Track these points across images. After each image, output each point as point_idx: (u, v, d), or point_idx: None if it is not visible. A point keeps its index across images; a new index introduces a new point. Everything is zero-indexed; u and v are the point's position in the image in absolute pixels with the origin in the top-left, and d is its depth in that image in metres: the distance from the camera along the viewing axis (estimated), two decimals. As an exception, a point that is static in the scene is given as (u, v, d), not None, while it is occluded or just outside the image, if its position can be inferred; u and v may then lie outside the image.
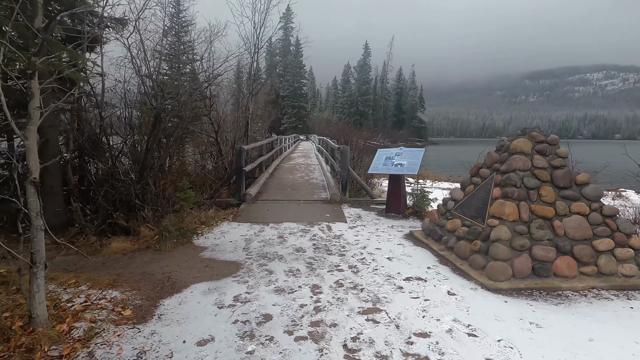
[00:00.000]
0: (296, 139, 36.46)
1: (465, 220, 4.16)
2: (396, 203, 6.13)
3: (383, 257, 4.17)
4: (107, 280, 3.49)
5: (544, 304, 2.98)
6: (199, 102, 7.70)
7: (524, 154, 3.86)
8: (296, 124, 57.94)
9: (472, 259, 3.67)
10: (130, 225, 5.43)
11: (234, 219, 5.94)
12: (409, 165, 5.95)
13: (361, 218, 6.10)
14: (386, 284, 3.41)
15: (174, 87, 7.12)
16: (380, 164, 6.28)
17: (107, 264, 4.22)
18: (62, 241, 3.17)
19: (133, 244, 4.84)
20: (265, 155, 10.66)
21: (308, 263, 4.01)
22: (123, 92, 6.34)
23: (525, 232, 3.48)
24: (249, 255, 4.31)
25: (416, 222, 5.87)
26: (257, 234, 5.13)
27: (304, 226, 5.53)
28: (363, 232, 5.27)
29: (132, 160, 6.23)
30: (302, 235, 5.08)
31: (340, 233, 5.22)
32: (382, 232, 5.33)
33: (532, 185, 3.69)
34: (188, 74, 9.22)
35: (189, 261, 4.16)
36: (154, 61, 6.36)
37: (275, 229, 5.40)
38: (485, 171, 4.23)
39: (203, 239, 4.94)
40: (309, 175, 10.94)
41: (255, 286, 3.37)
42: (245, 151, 7.17)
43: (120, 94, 6.57)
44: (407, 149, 6.31)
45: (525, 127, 4.15)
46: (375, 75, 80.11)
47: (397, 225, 5.66)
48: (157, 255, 4.40)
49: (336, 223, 5.73)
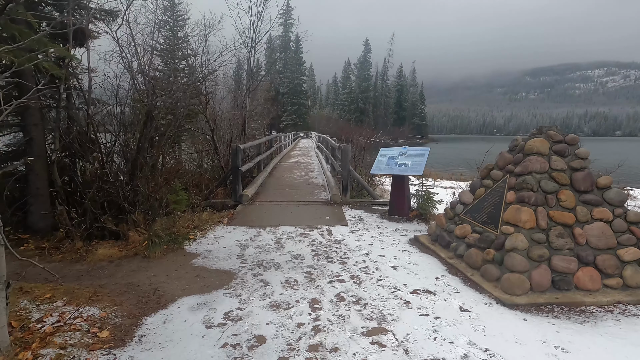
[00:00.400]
0: (296, 136, 36.12)
1: (476, 226, 3.86)
2: (400, 205, 5.83)
3: (387, 266, 3.88)
4: (87, 293, 3.20)
5: (568, 323, 2.69)
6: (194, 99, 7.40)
7: (540, 154, 3.56)
8: (296, 122, 57.55)
9: (485, 269, 3.37)
10: (120, 229, 5.15)
11: (230, 222, 5.65)
12: (413, 166, 5.65)
13: (363, 221, 5.81)
14: (392, 297, 3.12)
15: (166, 83, 6.81)
16: (383, 164, 5.98)
17: (91, 272, 3.93)
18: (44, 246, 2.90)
19: (121, 250, 4.55)
20: (264, 154, 10.35)
21: (307, 272, 3.72)
22: (112, 88, 6.05)
23: (543, 240, 3.19)
24: (244, 263, 4.02)
25: (421, 225, 5.57)
26: (253, 239, 4.84)
27: (302, 230, 5.24)
28: (365, 237, 4.98)
29: (122, 160, 5.93)
30: (301, 241, 4.78)
31: (341, 238, 4.93)
32: (386, 236, 5.04)
33: (550, 189, 3.39)
34: (184, 70, 8.89)
35: (178, 270, 3.87)
36: (145, 56, 6.04)
37: (273, 233, 5.10)
38: (498, 173, 3.92)
39: (195, 245, 4.65)
40: (308, 174, 10.64)
41: (249, 300, 3.07)
42: (241, 150, 6.87)
43: (110, 91, 6.29)
44: (411, 147, 6.00)
45: (541, 125, 3.85)
46: (376, 72, 79.55)
47: (401, 229, 5.36)
48: (145, 263, 4.11)
49: (337, 226, 5.44)
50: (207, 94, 8.73)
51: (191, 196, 7.04)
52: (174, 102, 6.43)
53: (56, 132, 5.49)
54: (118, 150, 5.94)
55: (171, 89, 6.33)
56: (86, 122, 5.48)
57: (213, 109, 9.59)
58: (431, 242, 4.50)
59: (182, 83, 6.60)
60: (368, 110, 72.24)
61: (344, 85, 77.92)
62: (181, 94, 6.04)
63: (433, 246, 4.37)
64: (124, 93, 6.16)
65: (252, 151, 10.55)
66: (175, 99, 6.30)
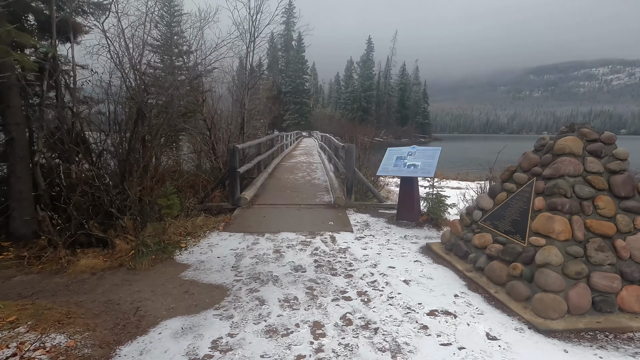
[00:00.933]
0: (298, 135, 35.73)
1: (497, 235, 3.44)
2: (409, 209, 5.42)
3: (399, 280, 3.47)
4: (58, 314, 2.81)
5: (617, 355, 2.27)
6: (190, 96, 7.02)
7: (573, 155, 3.13)
8: (298, 121, 57.14)
9: (512, 286, 2.95)
10: (107, 236, 4.78)
11: (226, 227, 5.25)
12: (423, 167, 5.23)
13: (369, 226, 5.39)
14: (406, 320, 2.71)
15: (159, 79, 6.42)
16: (391, 165, 5.56)
17: (70, 286, 3.55)
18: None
19: (105, 260, 4.17)
20: (264, 154, 9.96)
21: (308, 288, 3.31)
22: (101, 85, 5.67)
23: (580, 254, 2.77)
24: (239, 276, 3.62)
25: (432, 231, 5.15)
26: (250, 248, 4.44)
27: (304, 237, 4.83)
28: (372, 245, 4.57)
29: (110, 161, 5.56)
30: (302, 249, 4.38)
31: (346, 246, 4.52)
32: (395, 244, 4.62)
33: (585, 195, 2.97)
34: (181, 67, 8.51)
35: (166, 284, 3.48)
36: (136, 50, 5.65)
37: (272, 240, 4.70)
38: (522, 176, 3.50)
39: (187, 255, 4.25)
40: (310, 175, 10.23)
41: (242, 324, 2.67)
42: (239, 150, 6.47)
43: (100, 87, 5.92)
44: (420, 147, 5.58)
45: (572, 122, 3.42)
46: (379, 70, 78.99)
47: (411, 236, 4.95)
48: (130, 276, 3.73)
49: (341, 233, 5.03)
50: (204, 91, 8.35)
51: (186, 199, 6.66)
52: (168, 100, 6.05)
53: (39, 131, 5.12)
54: (107, 150, 5.57)
55: (164, 85, 5.95)
56: (71, 120, 5.09)
57: (211, 107, 9.21)
58: (445, 252, 4.08)
59: (175, 79, 6.21)
60: (371, 109, 71.73)
61: (346, 84, 77.42)
62: (174, 90, 5.64)
63: (448, 256, 3.96)
64: (114, 90, 5.78)
65: (251, 151, 10.16)
66: (169, 96, 5.92)
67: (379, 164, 9.80)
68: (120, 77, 5.60)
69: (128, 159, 5.43)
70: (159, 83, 6.23)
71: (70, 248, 4.58)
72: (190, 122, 10.80)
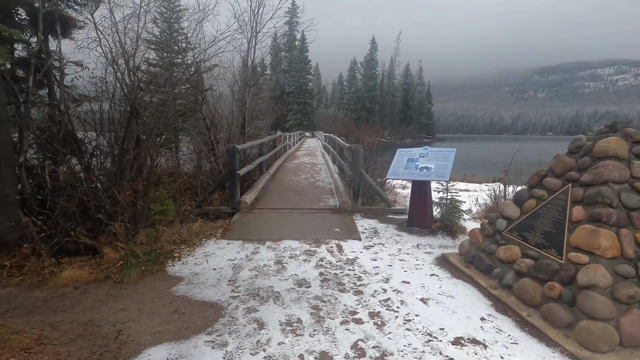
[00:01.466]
0: (301, 135, 35.39)
1: (527, 248, 3.05)
2: (421, 215, 5.03)
3: (415, 298, 3.08)
4: (27, 339, 2.46)
5: (689, 402, 1.88)
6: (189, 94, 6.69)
7: (618, 158, 2.74)
8: (301, 121, 56.84)
9: (549, 309, 2.56)
10: (97, 244, 4.43)
11: (224, 234, 4.88)
12: (437, 170, 4.84)
13: (378, 233, 5.01)
14: (428, 350, 2.32)
15: (157, 76, 6.08)
16: (401, 168, 5.17)
17: (49, 302, 3.20)
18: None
19: (91, 271, 3.81)
20: (266, 155, 9.59)
21: (313, 307, 2.94)
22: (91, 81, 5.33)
23: (632, 275, 2.37)
24: (236, 291, 3.25)
25: (447, 239, 4.76)
26: (250, 258, 4.06)
27: (308, 246, 4.46)
28: (383, 255, 4.19)
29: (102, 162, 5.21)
30: (306, 260, 4.00)
31: (354, 256, 4.14)
32: (407, 254, 4.24)
33: (634, 204, 2.57)
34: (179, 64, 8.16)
35: (154, 301, 3.12)
36: (130, 44, 5.30)
37: (273, 249, 4.33)
38: (554, 181, 3.10)
39: (180, 266, 3.88)
40: (314, 177, 9.85)
41: (237, 354, 2.30)
42: (239, 152, 6.10)
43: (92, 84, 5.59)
44: (433, 149, 5.19)
45: (614, 121, 3.02)
46: (382, 70, 78.60)
47: (424, 244, 4.56)
48: (116, 290, 3.37)
49: (348, 241, 4.65)
50: (203, 90, 7.99)
51: (183, 203, 6.31)
52: (164, 97, 5.70)
53: (24, 131, 4.77)
54: (98, 151, 5.23)
55: (158, 81, 5.60)
56: (58, 119, 4.75)
57: (212, 105, 8.86)
58: (465, 265, 3.69)
59: (171, 75, 5.87)
60: (374, 109, 71.32)
61: (349, 84, 76.98)
62: (171, 87, 5.29)
63: (468, 270, 3.57)
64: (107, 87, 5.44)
65: (253, 152, 9.81)
66: (165, 93, 5.57)
67: (386, 165, 9.43)
68: (112, 73, 5.26)
69: (121, 161, 5.10)
70: (155, 80, 5.89)
71: (57, 256, 4.25)
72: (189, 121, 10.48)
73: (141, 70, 5.43)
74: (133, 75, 5.27)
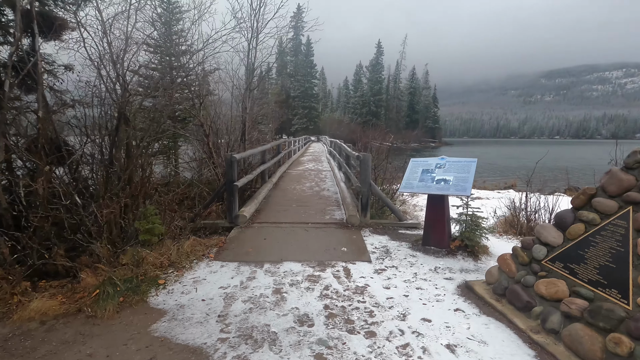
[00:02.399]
0: (307, 140, 34.96)
1: (577, 285, 2.51)
2: (438, 233, 4.50)
3: (439, 344, 2.55)
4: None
5: None
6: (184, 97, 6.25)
7: (696, 178, 2.20)
8: (307, 125, 56.56)
9: (615, 370, 2.02)
10: (77, 265, 3.98)
11: (218, 255, 4.39)
12: (457, 182, 4.31)
13: (390, 253, 4.48)
14: None
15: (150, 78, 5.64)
16: (416, 180, 4.65)
17: (9, 342, 2.74)
18: None
19: (63, 301, 3.35)
20: (269, 162, 9.11)
21: (317, 356, 2.42)
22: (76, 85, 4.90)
23: None
24: (225, 331, 2.75)
25: (468, 261, 4.22)
26: (244, 285, 3.56)
27: (312, 269, 3.94)
28: (397, 281, 3.66)
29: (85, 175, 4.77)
30: (309, 288, 3.49)
31: (363, 283, 3.62)
32: (424, 280, 3.71)
33: None
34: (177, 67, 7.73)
35: (128, 344, 2.62)
36: (119, 44, 4.87)
37: (272, 274, 3.82)
38: (608, 203, 2.57)
39: (164, 295, 3.39)
40: (319, 185, 9.35)
41: None
42: (237, 161, 5.62)
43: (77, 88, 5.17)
44: (451, 159, 4.67)
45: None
46: (388, 74, 78.25)
47: (443, 268, 4.02)
48: (87, 328, 2.88)
49: (357, 263, 4.13)
50: (202, 95, 7.56)
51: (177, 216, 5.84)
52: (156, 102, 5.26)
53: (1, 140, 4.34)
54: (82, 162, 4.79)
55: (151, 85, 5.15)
56: (36, 126, 4.31)
57: (212, 110, 8.42)
58: (495, 298, 3.15)
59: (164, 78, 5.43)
60: (380, 113, 70.86)
61: (355, 88, 76.68)
62: (162, 90, 4.84)
63: (499, 304, 3.03)
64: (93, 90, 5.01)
65: (256, 159, 9.35)
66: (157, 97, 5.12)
67: (395, 173, 8.90)
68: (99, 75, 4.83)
69: (107, 172, 4.66)
70: (147, 84, 5.45)
71: (33, 279, 3.82)
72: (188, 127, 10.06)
73: (131, 72, 4.99)
74: (121, 78, 4.84)
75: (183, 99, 7.54)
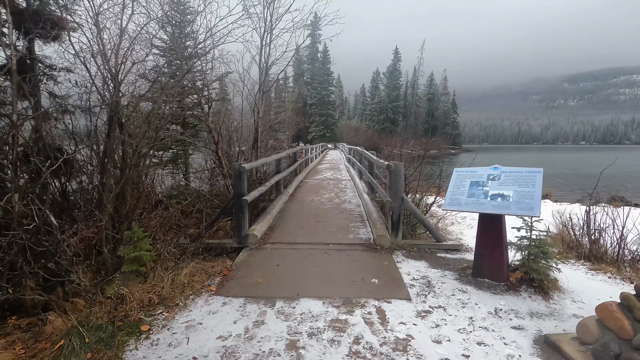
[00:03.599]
0: (324, 147, 34.21)
1: None
2: (494, 262, 3.58)
3: None
4: None
5: None
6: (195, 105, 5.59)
7: None
8: (324, 132, 55.97)
9: None
10: (53, 299, 3.30)
11: (221, 286, 3.60)
12: (519, 199, 3.40)
13: (433, 287, 3.59)
14: None
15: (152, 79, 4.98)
16: (464, 195, 3.75)
17: None
18: None
19: (22, 351, 2.62)
20: (284, 172, 8.35)
21: None
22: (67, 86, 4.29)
23: None
24: (218, 417, 1.93)
25: (536, 300, 3.28)
26: (250, 335, 2.74)
27: (336, 310, 3.10)
28: (448, 332, 2.77)
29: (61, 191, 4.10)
30: (334, 341, 2.64)
31: (405, 334, 2.74)
32: (485, 329, 2.81)
33: None
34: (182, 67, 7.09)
35: None
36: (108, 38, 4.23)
37: (286, 317, 2.99)
38: None
39: (146, 349, 2.60)
40: (339, 196, 8.50)
41: None
42: (246, 171, 4.86)
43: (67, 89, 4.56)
44: (507, 168, 3.76)
45: None
46: (406, 80, 77.08)
47: (506, 310, 3.11)
48: (35, 402, 2.12)
49: (392, 302, 3.26)
50: (212, 100, 6.90)
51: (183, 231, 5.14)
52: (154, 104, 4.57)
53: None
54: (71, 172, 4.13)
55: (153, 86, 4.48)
56: (10, 132, 3.67)
57: (223, 115, 7.76)
58: (600, 367, 2.23)
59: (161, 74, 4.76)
60: (398, 120, 69.61)
61: (372, 95, 75.79)
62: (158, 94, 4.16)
63: (610, 380, 2.10)
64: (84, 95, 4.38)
65: (270, 168, 8.60)
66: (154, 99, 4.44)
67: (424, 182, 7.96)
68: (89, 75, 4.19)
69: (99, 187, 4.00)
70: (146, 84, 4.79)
71: (6, 314, 3.17)
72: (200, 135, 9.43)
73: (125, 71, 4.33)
74: (114, 78, 4.18)
75: (191, 103, 6.91)
